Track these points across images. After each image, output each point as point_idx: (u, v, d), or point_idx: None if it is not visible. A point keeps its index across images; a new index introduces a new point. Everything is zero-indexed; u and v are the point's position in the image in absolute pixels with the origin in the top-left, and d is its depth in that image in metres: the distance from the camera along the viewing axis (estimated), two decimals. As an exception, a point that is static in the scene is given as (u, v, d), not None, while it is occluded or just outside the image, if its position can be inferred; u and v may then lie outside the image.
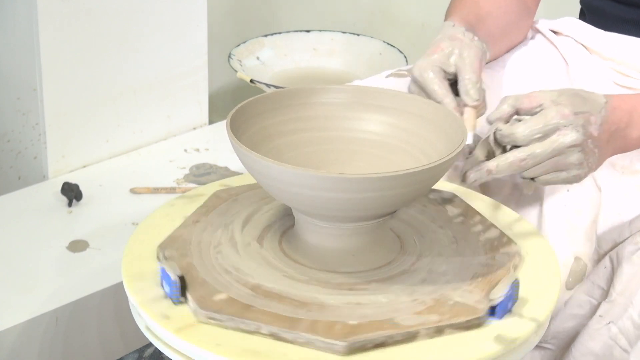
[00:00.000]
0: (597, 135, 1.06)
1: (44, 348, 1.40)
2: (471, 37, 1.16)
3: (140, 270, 1.03)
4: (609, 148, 1.08)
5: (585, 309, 1.15)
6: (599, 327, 1.12)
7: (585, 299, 1.16)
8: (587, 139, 1.05)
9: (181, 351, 0.94)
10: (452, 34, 1.17)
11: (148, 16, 1.76)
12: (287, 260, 1.03)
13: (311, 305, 0.96)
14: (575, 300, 1.16)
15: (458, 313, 0.95)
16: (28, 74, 1.67)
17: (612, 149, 1.09)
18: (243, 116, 1.04)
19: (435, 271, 1.02)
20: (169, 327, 0.94)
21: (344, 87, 1.12)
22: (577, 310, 1.16)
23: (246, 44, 2.19)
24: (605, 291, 1.14)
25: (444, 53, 1.15)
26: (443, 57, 1.15)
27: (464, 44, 1.16)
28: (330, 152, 1.10)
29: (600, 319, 1.12)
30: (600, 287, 1.14)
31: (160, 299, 0.98)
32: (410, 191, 0.98)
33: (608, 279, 1.14)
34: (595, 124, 1.06)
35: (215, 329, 0.94)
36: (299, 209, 1.02)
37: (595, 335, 1.12)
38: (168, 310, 0.97)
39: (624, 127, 1.08)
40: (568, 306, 1.16)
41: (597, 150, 1.07)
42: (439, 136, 1.05)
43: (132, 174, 1.75)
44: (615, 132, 1.08)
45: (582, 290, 1.16)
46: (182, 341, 0.93)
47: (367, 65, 2.19)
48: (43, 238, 1.54)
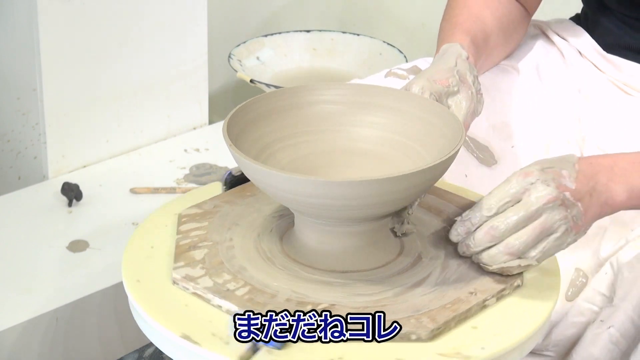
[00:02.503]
0: (575, 188, 1.00)
1: (44, 348, 1.40)
2: (479, 88, 1.13)
3: (140, 270, 1.03)
4: (593, 202, 1.02)
5: (586, 316, 1.15)
6: (600, 331, 1.11)
7: (587, 307, 1.15)
8: (563, 192, 0.99)
9: (181, 351, 0.94)
10: (462, 74, 1.12)
11: (148, 16, 1.76)
12: (288, 260, 1.03)
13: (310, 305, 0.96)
14: (576, 308, 1.16)
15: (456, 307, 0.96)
16: (28, 74, 1.67)
17: (598, 204, 1.03)
18: (240, 119, 1.04)
19: (436, 271, 1.02)
20: (169, 327, 0.94)
21: (341, 86, 1.12)
22: (579, 318, 1.16)
23: (246, 44, 2.19)
24: (606, 297, 1.14)
25: (447, 91, 1.10)
26: (444, 93, 1.10)
27: (467, 95, 1.11)
28: (328, 153, 1.09)
29: (601, 324, 1.12)
30: (601, 293, 1.14)
31: (160, 298, 0.98)
32: (410, 192, 0.97)
33: (609, 285, 1.13)
34: (568, 177, 1.00)
35: (215, 328, 0.94)
36: (298, 210, 1.02)
37: (596, 340, 1.12)
38: (168, 310, 0.97)
39: (606, 181, 1.02)
40: (569, 315, 1.16)
41: (580, 203, 1.00)
42: (437, 135, 1.05)
43: (132, 174, 1.75)
44: (596, 187, 1.02)
45: (583, 298, 1.15)
46: (182, 341, 0.93)
47: (367, 65, 2.19)
48: (43, 238, 1.54)
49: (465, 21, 1.22)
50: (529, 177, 0.99)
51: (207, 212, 1.11)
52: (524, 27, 1.33)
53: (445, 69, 1.11)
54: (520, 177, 0.99)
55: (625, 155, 1.06)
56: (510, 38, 1.29)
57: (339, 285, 1.00)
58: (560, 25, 1.37)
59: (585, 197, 1.01)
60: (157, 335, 0.96)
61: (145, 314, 0.97)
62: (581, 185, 1.01)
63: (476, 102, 1.11)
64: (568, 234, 1.00)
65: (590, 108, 1.27)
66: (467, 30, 1.20)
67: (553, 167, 1.01)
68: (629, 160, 1.05)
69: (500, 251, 0.98)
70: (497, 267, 0.99)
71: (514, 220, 0.97)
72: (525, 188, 0.99)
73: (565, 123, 1.27)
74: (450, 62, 1.13)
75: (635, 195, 1.03)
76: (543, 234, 0.98)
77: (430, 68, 1.13)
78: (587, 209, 1.01)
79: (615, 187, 1.03)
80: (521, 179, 0.99)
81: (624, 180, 1.03)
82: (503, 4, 1.28)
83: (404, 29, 2.26)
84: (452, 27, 1.21)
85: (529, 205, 0.98)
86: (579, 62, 1.31)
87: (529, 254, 0.99)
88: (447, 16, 1.25)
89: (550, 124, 1.27)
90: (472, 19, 1.22)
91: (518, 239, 0.98)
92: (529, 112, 1.27)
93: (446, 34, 1.20)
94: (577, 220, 1.00)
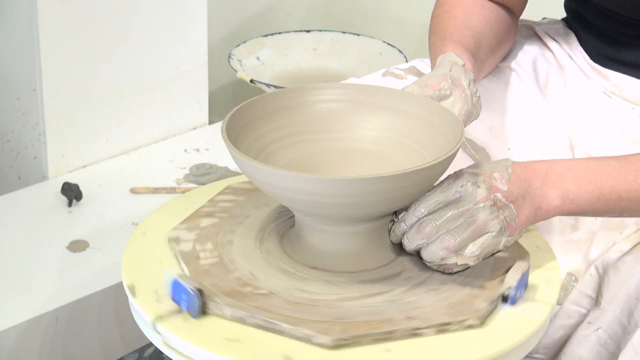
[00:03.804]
0: (507, 190, 1.01)
1: (44, 348, 1.40)
2: (475, 91, 1.13)
3: (140, 270, 1.03)
4: (527, 205, 1.02)
5: (574, 318, 1.16)
6: (588, 333, 1.12)
7: (574, 309, 1.16)
8: (494, 193, 1.00)
9: (182, 351, 0.94)
10: (456, 78, 1.12)
11: (148, 16, 1.76)
12: (288, 260, 1.04)
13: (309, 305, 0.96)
14: (564, 311, 1.16)
15: (460, 313, 0.96)
16: (28, 74, 1.67)
17: (532, 207, 1.02)
18: (239, 119, 1.04)
19: (436, 271, 1.02)
20: (169, 327, 0.94)
21: (341, 86, 1.12)
22: (567, 321, 1.16)
23: (246, 44, 2.19)
24: (593, 299, 1.14)
25: (439, 94, 1.10)
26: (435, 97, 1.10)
27: (461, 98, 1.11)
28: (328, 153, 1.10)
29: (589, 325, 1.12)
30: (588, 295, 1.14)
31: (160, 298, 0.98)
32: (408, 191, 0.98)
33: (595, 287, 1.14)
34: (499, 180, 1.01)
35: (216, 329, 0.94)
36: (297, 210, 1.02)
37: (584, 341, 1.12)
38: (169, 310, 0.97)
39: (539, 185, 1.02)
40: (557, 317, 1.17)
41: (512, 205, 1.01)
42: (436, 134, 1.05)
43: (132, 174, 1.75)
44: (529, 189, 1.02)
45: (571, 300, 1.16)
46: (182, 340, 0.93)
47: (367, 65, 2.19)
48: (43, 238, 1.54)
49: (454, 32, 1.22)
50: (459, 179, 1.01)
51: (254, 189, 1.13)
52: (514, 28, 1.34)
53: (438, 75, 1.12)
54: (451, 179, 1.01)
55: (563, 161, 1.06)
56: (502, 40, 1.29)
57: (339, 284, 1.00)
58: (553, 27, 1.37)
59: (518, 199, 1.02)
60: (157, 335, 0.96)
61: (145, 314, 0.97)
62: (514, 187, 1.02)
63: (471, 105, 1.11)
64: (502, 234, 1.01)
65: (579, 113, 1.27)
66: (458, 40, 1.20)
67: (484, 169, 1.02)
68: (566, 166, 1.05)
69: (436, 246, 0.99)
70: (437, 265, 1.01)
71: (443, 219, 0.99)
72: (457, 190, 1.00)
73: (560, 126, 1.27)
74: (445, 69, 1.13)
75: (570, 200, 1.03)
76: (477, 231, 0.99)
77: (424, 76, 1.13)
78: (520, 211, 1.02)
79: (549, 192, 1.03)
80: (452, 181, 1.01)
81: (559, 185, 1.03)
82: (488, 8, 1.28)
83: (404, 29, 2.26)
84: (443, 40, 1.21)
85: (459, 205, 0.99)
86: (571, 67, 1.31)
87: (466, 251, 1.00)
88: (435, 30, 1.25)
89: (547, 126, 1.27)
90: (460, 28, 1.23)
91: (452, 235, 0.99)
92: (526, 114, 1.27)
93: (439, 46, 1.20)
94: (511, 222, 1.01)
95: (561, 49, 1.33)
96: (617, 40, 1.25)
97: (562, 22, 1.39)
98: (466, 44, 1.20)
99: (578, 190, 1.03)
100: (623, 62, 1.25)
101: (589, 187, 1.03)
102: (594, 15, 1.27)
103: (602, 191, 1.03)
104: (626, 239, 1.13)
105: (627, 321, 1.09)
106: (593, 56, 1.29)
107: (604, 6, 1.24)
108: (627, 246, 1.12)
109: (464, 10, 1.26)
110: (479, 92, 1.13)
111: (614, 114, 1.25)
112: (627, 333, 1.09)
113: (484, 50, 1.24)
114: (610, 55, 1.26)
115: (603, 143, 1.24)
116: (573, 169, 1.04)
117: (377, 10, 2.31)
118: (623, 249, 1.13)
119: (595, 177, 1.04)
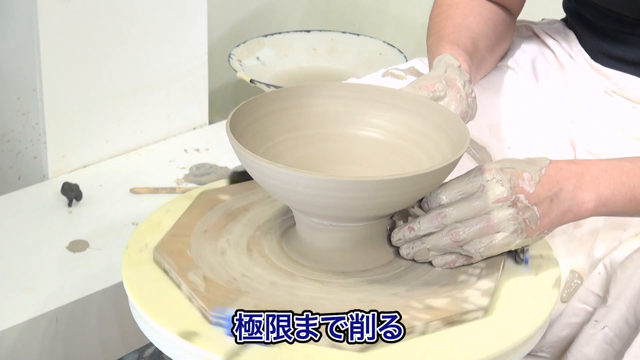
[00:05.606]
0: (533, 193, 1.00)
1: (44, 348, 1.40)
2: (470, 92, 1.12)
3: (140, 270, 1.03)
4: (554, 208, 1.02)
5: (580, 316, 1.15)
6: (594, 331, 1.12)
7: (581, 307, 1.15)
8: (517, 194, 1.00)
9: (181, 351, 0.94)
10: (451, 79, 1.11)
11: (148, 16, 1.76)
12: (287, 260, 1.04)
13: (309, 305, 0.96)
14: (570, 309, 1.16)
15: (457, 310, 0.96)
16: (28, 74, 1.67)
17: (560, 210, 1.02)
18: (243, 116, 1.04)
19: (436, 271, 1.02)
20: (169, 327, 0.94)
21: (342, 86, 1.12)
22: (573, 319, 1.16)
23: (246, 44, 2.19)
24: (600, 297, 1.14)
25: (432, 96, 1.10)
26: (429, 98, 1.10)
27: (456, 98, 1.10)
28: (332, 152, 1.09)
29: (595, 324, 1.12)
30: (595, 293, 1.14)
31: (160, 298, 0.98)
32: (411, 195, 0.97)
33: (602, 285, 1.14)
34: (528, 181, 1.00)
35: (216, 331, 0.94)
36: (299, 209, 1.02)
37: (591, 340, 1.12)
38: (169, 310, 0.97)
39: (572, 188, 1.02)
40: (563, 315, 1.16)
41: (536, 207, 1.01)
42: (441, 137, 1.05)
43: (132, 174, 1.75)
44: (560, 192, 1.02)
45: (577, 299, 1.16)
46: (182, 341, 0.93)
47: (367, 65, 2.19)
48: (43, 238, 1.54)
49: (451, 33, 1.22)
50: (485, 174, 1.01)
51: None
52: (512, 28, 1.34)
53: (432, 76, 1.12)
54: (478, 171, 1.01)
55: (598, 162, 1.06)
56: (500, 39, 1.29)
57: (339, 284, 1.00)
58: (552, 27, 1.37)
59: (545, 201, 1.01)
60: (157, 335, 0.96)
61: (145, 314, 0.97)
62: (542, 189, 1.01)
63: (466, 105, 1.11)
64: (517, 235, 1.00)
65: (580, 112, 1.27)
66: (455, 41, 1.20)
67: (515, 168, 1.01)
68: (601, 168, 1.04)
69: (445, 235, 1.00)
70: (442, 262, 1.01)
71: (462, 211, 0.99)
72: (481, 184, 1.00)
73: (560, 125, 1.27)
74: (440, 70, 1.13)
75: (602, 203, 1.03)
76: (488, 229, 0.99)
77: (419, 78, 1.13)
78: (545, 214, 1.02)
79: (582, 195, 1.03)
80: (479, 173, 1.01)
81: (593, 188, 1.03)
82: (486, 8, 1.28)
83: (404, 29, 2.27)
84: (440, 41, 1.21)
85: (479, 200, 0.99)
86: (571, 65, 1.31)
87: (471, 246, 1.00)
88: (432, 31, 1.25)
89: (547, 125, 1.27)
90: (458, 28, 1.23)
91: (462, 227, 0.99)
92: (526, 113, 1.28)
93: (435, 48, 1.20)
94: (531, 224, 1.01)
95: (561, 47, 1.33)
96: (617, 38, 1.25)
97: (561, 21, 1.39)
98: (463, 45, 1.20)
99: (612, 194, 1.03)
100: (624, 61, 1.25)
101: (622, 189, 1.03)
102: (593, 14, 1.27)
103: (634, 193, 1.04)
104: (634, 237, 1.13)
105: (634, 319, 1.09)
106: (593, 55, 1.29)
107: (603, 6, 1.24)
108: (636, 244, 1.12)
109: (462, 10, 1.26)
110: (474, 92, 1.13)
111: (615, 113, 1.25)
112: (633, 331, 1.09)
113: (482, 50, 1.24)
114: (610, 54, 1.26)
115: (604, 142, 1.24)
116: (608, 171, 1.04)
117: (377, 10, 2.31)
118: (632, 247, 1.12)
119: (629, 179, 1.04)
